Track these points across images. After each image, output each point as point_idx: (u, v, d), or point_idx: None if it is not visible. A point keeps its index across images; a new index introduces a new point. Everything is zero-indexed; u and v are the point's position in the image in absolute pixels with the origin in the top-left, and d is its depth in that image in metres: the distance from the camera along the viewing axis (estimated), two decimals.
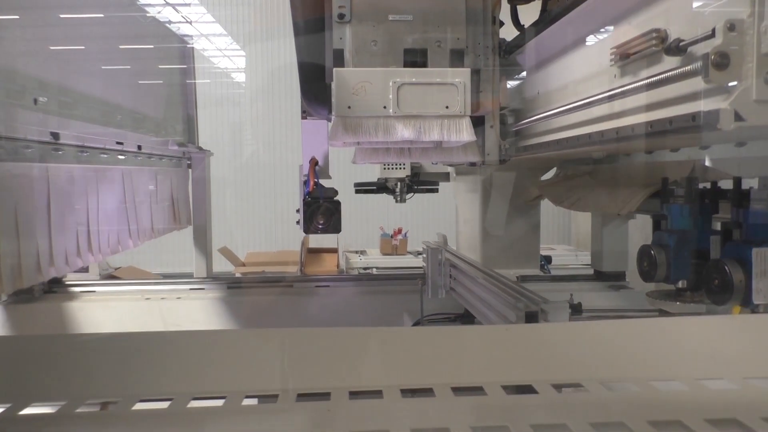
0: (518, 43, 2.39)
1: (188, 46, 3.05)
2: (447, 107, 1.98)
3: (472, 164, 2.71)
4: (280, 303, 2.89)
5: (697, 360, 1.16)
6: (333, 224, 2.58)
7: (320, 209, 2.53)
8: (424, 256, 2.76)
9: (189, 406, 1.11)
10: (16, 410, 1.15)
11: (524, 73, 2.53)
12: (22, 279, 1.38)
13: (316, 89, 2.10)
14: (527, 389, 1.12)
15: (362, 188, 3.76)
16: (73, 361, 1.28)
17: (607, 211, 2.78)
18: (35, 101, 1.53)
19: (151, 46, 2.80)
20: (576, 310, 1.76)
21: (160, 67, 2.96)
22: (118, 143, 2.01)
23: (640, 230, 2.90)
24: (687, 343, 1.20)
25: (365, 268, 5.50)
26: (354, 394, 1.15)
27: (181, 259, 7.14)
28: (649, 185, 2.00)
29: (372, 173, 3.86)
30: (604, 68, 1.69)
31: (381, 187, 3.69)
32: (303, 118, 2.42)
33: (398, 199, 3.64)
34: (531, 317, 1.66)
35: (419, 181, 3.82)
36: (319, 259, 5.90)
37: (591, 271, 3.22)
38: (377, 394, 1.14)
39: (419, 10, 2.05)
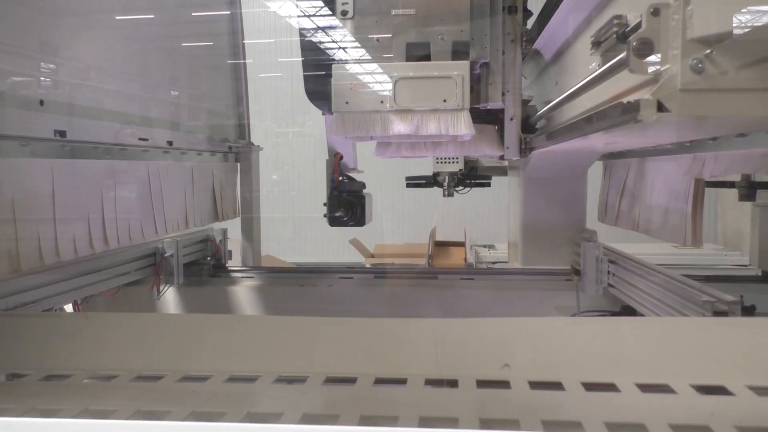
0: (539, 31, 2.30)
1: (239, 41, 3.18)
2: (444, 101, 1.96)
3: (501, 158, 2.64)
4: (426, 293, 2.81)
5: None
6: (357, 217, 2.63)
7: (343, 203, 2.59)
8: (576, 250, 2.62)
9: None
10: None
11: (551, 62, 2.43)
12: (20, 262, 1.56)
13: (319, 86, 2.15)
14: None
15: (413, 182, 3.78)
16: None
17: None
18: (41, 103, 1.69)
19: (198, 44, 2.95)
20: (749, 313, 1.64)
21: (207, 68, 3.12)
22: (141, 139, 2.18)
23: None
24: None
25: (494, 263, 5.40)
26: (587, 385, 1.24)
27: (314, 249, 7.39)
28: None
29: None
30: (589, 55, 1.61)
31: (431, 181, 3.68)
32: (324, 114, 2.47)
33: (446, 193, 3.61)
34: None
35: (472, 176, 3.77)
36: (447, 252, 5.79)
37: (751, 272, 2.96)
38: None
39: (422, 3, 2.03)
